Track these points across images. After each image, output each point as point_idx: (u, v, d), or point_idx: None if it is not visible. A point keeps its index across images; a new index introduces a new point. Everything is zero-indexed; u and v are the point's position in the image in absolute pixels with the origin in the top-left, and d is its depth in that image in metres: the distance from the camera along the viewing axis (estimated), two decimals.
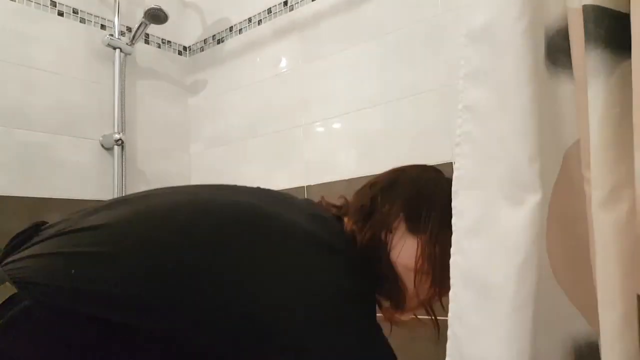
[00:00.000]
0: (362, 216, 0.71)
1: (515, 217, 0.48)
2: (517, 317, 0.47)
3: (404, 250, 0.68)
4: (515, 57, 0.48)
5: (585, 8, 0.40)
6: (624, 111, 0.41)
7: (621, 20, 0.40)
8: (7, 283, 0.55)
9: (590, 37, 0.40)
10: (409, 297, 0.69)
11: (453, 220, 0.54)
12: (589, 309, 0.51)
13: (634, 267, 0.41)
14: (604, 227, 0.43)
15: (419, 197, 0.72)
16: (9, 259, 0.61)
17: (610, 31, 0.40)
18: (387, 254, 0.69)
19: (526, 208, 0.48)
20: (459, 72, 0.55)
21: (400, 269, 0.68)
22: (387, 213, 0.70)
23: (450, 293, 0.53)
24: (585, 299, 0.52)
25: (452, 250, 0.53)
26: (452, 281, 0.53)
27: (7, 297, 0.54)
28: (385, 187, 0.74)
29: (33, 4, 1.54)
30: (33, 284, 0.56)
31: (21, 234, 0.66)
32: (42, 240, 0.62)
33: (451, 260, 0.53)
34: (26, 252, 0.61)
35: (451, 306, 0.53)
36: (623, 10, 0.40)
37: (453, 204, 0.54)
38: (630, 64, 0.39)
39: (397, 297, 0.69)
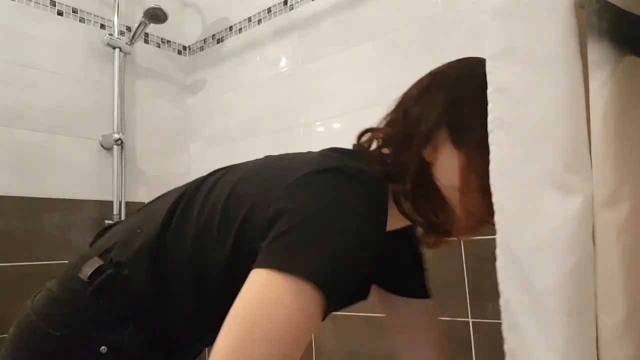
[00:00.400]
0: (394, 137, 0.64)
1: (567, 208, 0.42)
2: (574, 326, 0.41)
3: (450, 169, 0.59)
4: (556, 32, 0.43)
5: (588, 1, 0.39)
6: (626, 106, 0.39)
7: (622, 16, 0.39)
8: (96, 257, 0.65)
9: (594, 29, 0.39)
10: (457, 221, 0.61)
11: (495, 218, 0.47)
12: None
13: (637, 269, 0.39)
14: (605, 226, 0.40)
15: (460, 100, 0.60)
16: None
17: (612, 25, 0.39)
18: (432, 176, 0.60)
19: (580, 197, 0.41)
20: (485, 53, 0.49)
21: (446, 192, 0.59)
22: (424, 129, 0.61)
23: (501, 301, 0.46)
24: None
25: (497, 251, 0.47)
26: (501, 287, 0.46)
27: (95, 268, 0.63)
28: (419, 96, 0.65)
29: (33, 3, 1.54)
30: (108, 250, 0.66)
31: (105, 228, 0.77)
32: (118, 223, 0.76)
33: (498, 264, 0.47)
34: (107, 232, 0.74)
35: (503, 317, 0.46)
36: (621, 5, 0.39)
37: (493, 199, 0.47)
38: (632, 60, 0.38)
39: (443, 225, 0.61)
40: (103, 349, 0.60)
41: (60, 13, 1.61)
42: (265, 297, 0.48)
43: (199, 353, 0.80)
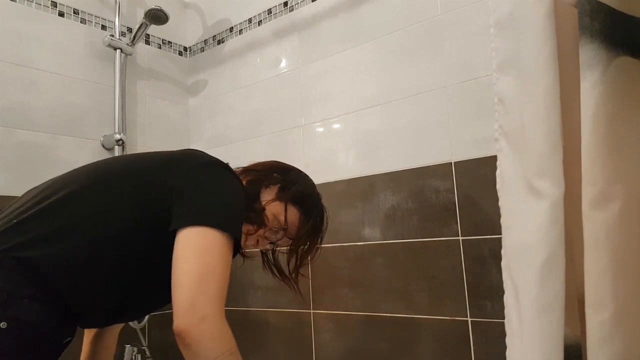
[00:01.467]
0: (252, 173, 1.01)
1: (537, 211, 0.45)
2: (541, 322, 0.43)
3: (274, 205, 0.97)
4: (535, 42, 0.45)
5: (580, 1, 0.39)
6: (618, 106, 0.39)
7: (615, 16, 0.40)
8: None
9: (585, 30, 0.39)
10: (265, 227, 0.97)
11: (502, 220, 0.52)
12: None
13: (626, 267, 0.40)
14: (595, 226, 0.41)
15: (290, 179, 1.02)
16: None
17: (605, 25, 0.39)
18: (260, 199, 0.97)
19: (548, 200, 0.44)
20: (491, 64, 0.52)
21: (267, 212, 0.96)
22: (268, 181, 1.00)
23: (504, 298, 0.51)
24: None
25: (502, 252, 0.51)
26: (504, 284, 0.50)
27: None
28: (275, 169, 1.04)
29: (34, 4, 1.54)
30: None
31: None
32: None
33: (502, 263, 0.51)
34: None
35: (505, 312, 0.50)
36: (614, 6, 0.39)
37: (500, 203, 0.52)
38: (625, 60, 0.38)
39: (259, 222, 0.96)
40: (3, 324, 0.66)
41: (61, 14, 1.61)
42: (206, 245, 0.72)
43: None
